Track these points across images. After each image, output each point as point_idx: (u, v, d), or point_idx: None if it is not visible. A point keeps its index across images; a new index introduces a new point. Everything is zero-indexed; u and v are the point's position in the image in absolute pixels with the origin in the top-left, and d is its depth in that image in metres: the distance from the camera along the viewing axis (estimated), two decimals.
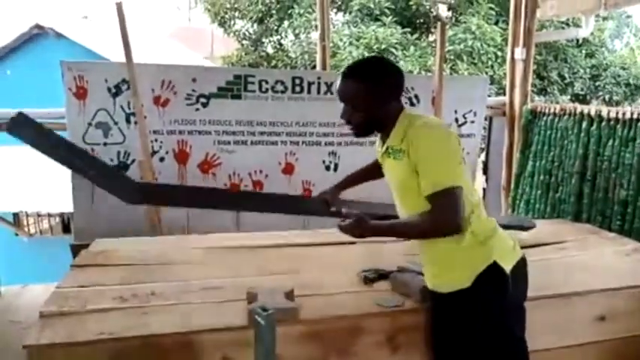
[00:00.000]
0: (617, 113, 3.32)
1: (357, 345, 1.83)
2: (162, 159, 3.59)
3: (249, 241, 2.71)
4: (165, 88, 3.49)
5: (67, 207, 4.13)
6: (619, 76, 10.46)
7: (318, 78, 3.76)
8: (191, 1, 14.43)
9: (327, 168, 3.86)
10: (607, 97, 10.43)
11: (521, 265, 1.74)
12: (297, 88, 3.72)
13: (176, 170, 3.65)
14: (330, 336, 1.81)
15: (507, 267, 1.67)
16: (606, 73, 10.47)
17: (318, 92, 3.75)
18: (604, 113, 3.40)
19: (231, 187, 3.76)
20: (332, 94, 3.75)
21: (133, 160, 3.51)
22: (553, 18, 5.33)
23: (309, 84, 3.73)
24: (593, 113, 3.47)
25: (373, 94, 1.68)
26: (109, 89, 3.39)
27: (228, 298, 1.93)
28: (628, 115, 3.24)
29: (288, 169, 3.85)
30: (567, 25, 7.89)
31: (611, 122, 3.35)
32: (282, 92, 3.71)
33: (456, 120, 4.02)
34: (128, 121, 3.46)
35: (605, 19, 11.06)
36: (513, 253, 1.73)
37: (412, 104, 3.87)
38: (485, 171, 4.99)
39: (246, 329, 1.63)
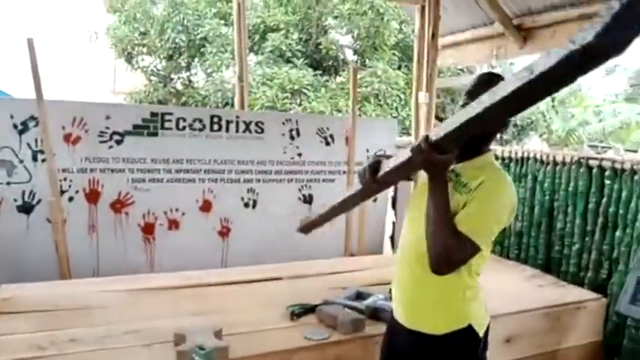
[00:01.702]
0: (510, 152, 3.69)
1: None
2: (71, 198, 3.42)
3: (168, 282, 2.65)
4: (76, 125, 3.36)
5: None
6: None
7: (237, 117, 3.81)
8: (92, 36, 13.95)
9: (246, 205, 3.88)
10: (498, 136, 11.40)
11: (487, 331, 1.71)
12: (216, 127, 3.74)
13: (86, 210, 3.49)
14: None
15: (481, 332, 1.65)
16: None
17: (237, 131, 3.79)
18: (498, 152, 3.76)
19: (145, 227, 3.66)
20: (251, 132, 3.82)
21: (39, 201, 3.31)
22: (451, 66, 5.83)
23: (228, 122, 3.76)
24: None
25: None
26: (15, 126, 3.21)
27: (154, 341, 1.89)
28: (520, 154, 3.61)
29: (206, 207, 3.81)
30: (463, 71, 8.63)
31: (505, 160, 3.71)
32: (200, 130, 3.71)
33: (368, 158, 4.23)
34: (35, 159, 3.28)
35: (494, 67, 12.18)
36: (486, 318, 1.70)
37: (327, 143, 4.03)
38: (394, 206, 5.25)
39: None
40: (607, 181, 3.00)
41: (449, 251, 1.46)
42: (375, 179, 1.67)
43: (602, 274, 2.97)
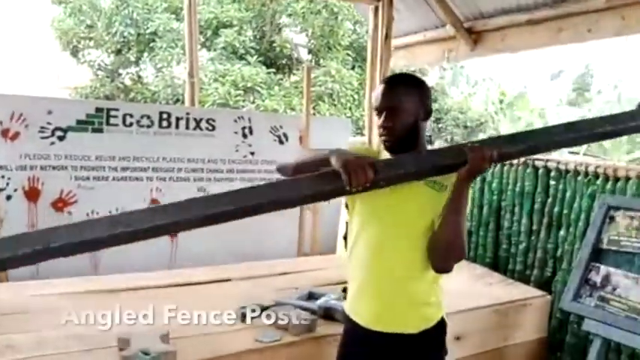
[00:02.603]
0: None
1: None
2: (9, 197, 3.24)
3: (112, 284, 2.55)
4: (15, 120, 3.19)
5: None
6: (458, 118, 11.84)
7: (187, 114, 3.71)
8: (36, 26, 13.35)
9: None
10: (449, 137, 11.71)
11: None
12: (165, 123, 3.63)
13: (25, 209, 3.31)
14: None
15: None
16: (447, 116, 11.79)
17: (187, 128, 3.69)
18: None
19: None
20: (202, 129, 3.73)
21: None
22: (403, 68, 5.90)
23: (178, 119, 3.66)
24: None
25: (422, 103, 1.59)
26: None
27: (95, 346, 1.80)
28: None
29: None
30: (415, 73, 8.77)
31: None
32: (149, 127, 3.59)
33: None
34: None
35: (444, 69, 12.48)
36: None
37: (281, 142, 3.98)
38: (347, 205, 5.28)
39: None
40: (552, 182, 3.10)
41: (464, 250, 1.57)
42: (377, 179, 1.43)
43: (547, 272, 3.07)
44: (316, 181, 1.44)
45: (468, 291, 2.62)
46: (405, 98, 1.56)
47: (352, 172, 1.36)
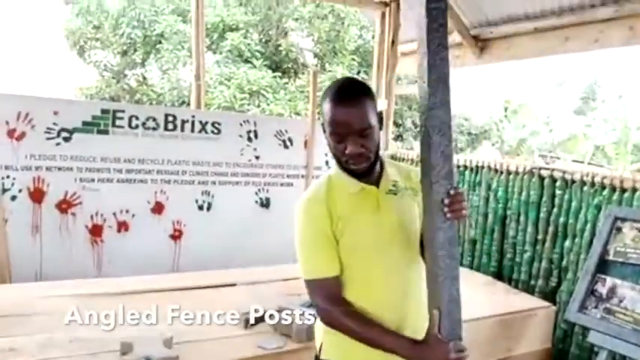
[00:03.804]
0: (465, 161, 3.74)
1: None
2: (14, 197, 3.25)
3: (116, 287, 2.54)
4: (21, 120, 3.20)
5: None
6: (462, 125, 11.82)
7: (193, 116, 3.71)
8: (48, 27, 13.40)
9: (200, 207, 3.78)
10: (453, 144, 11.68)
11: None
12: (170, 126, 3.64)
13: (30, 210, 3.32)
14: None
15: None
16: (452, 123, 11.77)
17: (192, 131, 3.70)
18: (454, 160, 3.80)
19: (92, 229, 3.51)
20: (207, 133, 3.73)
21: None
22: (409, 74, 5.89)
23: (183, 122, 3.67)
24: None
25: (377, 113, 1.41)
26: None
27: (99, 350, 1.79)
28: (474, 163, 3.66)
29: (158, 209, 3.70)
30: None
31: (461, 168, 3.76)
32: (154, 129, 3.60)
33: (327, 162, 4.21)
34: None
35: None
36: None
37: (286, 146, 3.98)
38: None
39: None
40: (558, 191, 3.08)
41: None
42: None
43: (551, 282, 3.05)
44: None
45: (471, 300, 2.59)
46: (370, 114, 1.36)
47: None
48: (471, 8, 3.98)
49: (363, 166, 1.39)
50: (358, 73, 9.43)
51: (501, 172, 3.45)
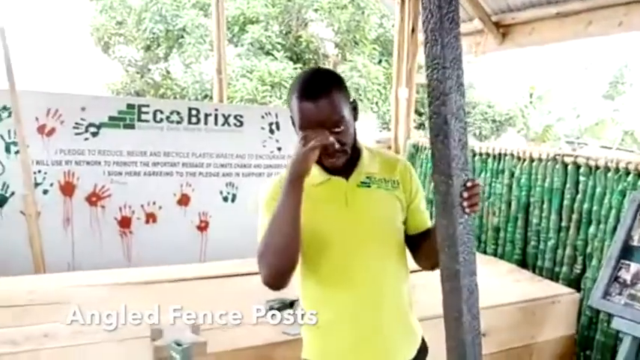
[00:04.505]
0: (487, 148, 3.72)
1: None
2: (45, 191, 3.37)
3: (145, 277, 2.62)
4: (51, 116, 3.30)
5: None
6: (486, 113, 11.69)
7: (216, 110, 3.78)
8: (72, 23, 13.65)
9: (225, 199, 3.86)
10: (477, 131, 11.57)
11: None
12: (194, 119, 3.71)
13: (61, 203, 3.44)
14: None
15: None
16: (475, 110, 11.65)
17: (215, 124, 3.77)
18: (477, 148, 3.79)
19: (121, 220, 3.62)
20: (230, 125, 3.79)
21: (13, 193, 3.25)
22: None
23: (206, 115, 3.74)
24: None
25: (349, 103, 1.34)
26: None
27: (129, 336, 1.86)
28: (497, 150, 3.64)
29: (184, 201, 3.78)
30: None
31: (483, 156, 3.74)
32: (178, 123, 3.68)
33: None
34: (8, 150, 3.22)
35: (469, 63, 12.32)
36: None
37: None
38: None
39: None
40: (582, 178, 3.05)
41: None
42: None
43: (576, 269, 3.03)
44: None
45: (494, 287, 2.61)
46: (341, 105, 1.29)
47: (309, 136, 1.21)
48: None
49: (341, 162, 1.32)
50: (380, 62, 9.40)
51: (524, 160, 3.42)
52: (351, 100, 1.35)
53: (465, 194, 1.20)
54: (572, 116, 13.60)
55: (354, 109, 1.35)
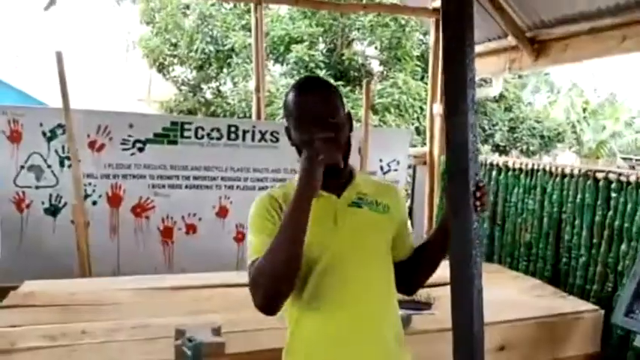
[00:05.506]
0: (520, 164, 3.72)
1: None
2: (94, 202, 3.62)
3: (180, 282, 2.79)
4: (101, 133, 3.57)
5: None
6: (534, 128, 11.43)
7: (253, 127, 3.95)
8: (128, 45, 14.43)
9: None
10: (524, 147, 11.33)
11: None
12: (233, 136, 3.90)
13: (108, 213, 3.69)
14: None
15: None
16: (523, 125, 11.41)
17: (253, 140, 3.94)
18: (510, 164, 3.79)
19: (163, 231, 3.83)
20: (266, 141, 3.95)
21: (65, 204, 3.52)
22: None
23: (244, 132, 3.91)
24: (501, 164, 3.86)
25: (344, 110, 1.41)
26: (44, 133, 3.44)
27: (156, 336, 2.02)
28: (530, 166, 3.63)
29: (222, 213, 3.96)
30: (485, 81, 8.62)
31: (516, 172, 3.73)
32: (218, 139, 3.87)
33: (381, 168, 4.32)
34: (62, 164, 3.50)
35: (520, 77, 12.11)
36: None
37: None
38: (410, 216, 5.31)
39: None
40: (613, 194, 3.01)
41: None
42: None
43: (607, 287, 2.98)
44: None
45: (513, 302, 2.62)
46: (338, 105, 1.37)
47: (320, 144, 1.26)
48: (524, 10, 3.95)
49: (336, 158, 1.29)
50: (422, 78, 9.42)
51: (556, 175, 3.40)
52: (347, 111, 1.41)
53: (477, 194, 1.30)
54: (628, 132, 13.09)
55: (349, 119, 1.40)
